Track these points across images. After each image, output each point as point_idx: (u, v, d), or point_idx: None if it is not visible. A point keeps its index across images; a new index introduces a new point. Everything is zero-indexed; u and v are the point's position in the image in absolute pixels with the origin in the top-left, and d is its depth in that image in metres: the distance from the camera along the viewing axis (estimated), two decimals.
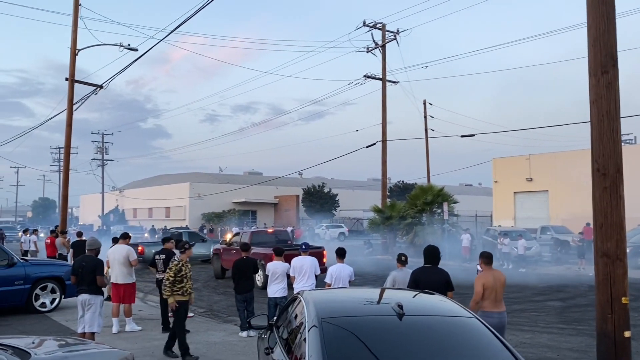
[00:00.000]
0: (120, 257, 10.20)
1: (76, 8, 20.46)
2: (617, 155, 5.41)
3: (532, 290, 16.88)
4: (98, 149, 62.38)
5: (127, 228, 49.36)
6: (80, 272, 8.06)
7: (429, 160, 37.58)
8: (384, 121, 31.56)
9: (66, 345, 5.33)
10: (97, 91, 22.05)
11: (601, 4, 5.49)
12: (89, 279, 7.97)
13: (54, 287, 12.24)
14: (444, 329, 4.03)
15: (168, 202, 62.60)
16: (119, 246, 10.51)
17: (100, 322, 8.18)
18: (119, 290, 10.27)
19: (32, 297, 11.89)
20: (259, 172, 74.04)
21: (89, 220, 70.15)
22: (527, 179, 38.84)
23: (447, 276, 6.83)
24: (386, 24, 31.27)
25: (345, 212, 59.67)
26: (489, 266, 7.07)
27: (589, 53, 5.58)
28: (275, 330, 5.18)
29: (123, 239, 10.72)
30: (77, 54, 20.55)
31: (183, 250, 8.73)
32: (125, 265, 10.23)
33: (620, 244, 5.35)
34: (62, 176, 22.34)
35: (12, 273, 11.65)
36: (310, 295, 4.70)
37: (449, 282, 6.77)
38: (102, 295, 8.27)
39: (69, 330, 10.13)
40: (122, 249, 10.35)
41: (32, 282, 11.89)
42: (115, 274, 10.29)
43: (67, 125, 20.64)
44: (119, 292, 10.27)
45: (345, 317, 4.07)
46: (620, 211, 5.37)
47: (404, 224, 29.66)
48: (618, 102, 5.47)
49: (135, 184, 77.74)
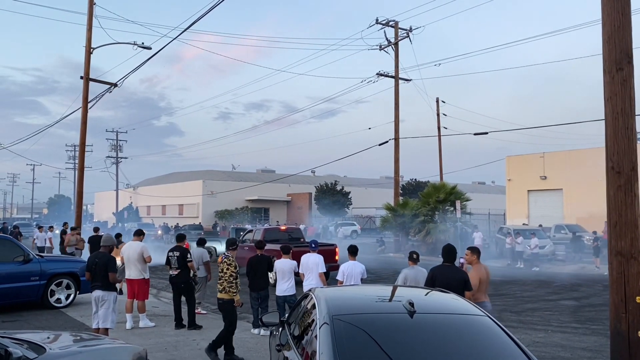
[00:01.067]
0: (134, 253, 10.29)
1: (91, 7, 20.65)
2: (632, 153, 5.35)
3: (546, 289, 16.75)
4: (112, 146, 62.92)
5: (140, 225, 49.83)
6: (93, 269, 8.21)
7: (441, 158, 37.45)
8: (397, 119, 31.47)
9: (81, 340, 5.39)
10: (111, 89, 22.26)
11: (616, 0, 5.43)
12: (102, 275, 8.10)
13: (69, 283, 12.40)
14: (456, 327, 4.02)
15: (181, 200, 63.03)
16: (134, 243, 10.59)
17: (114, 317, 8.30)
18: (133, 287, 10.39)
19: (47, 292, 12.05)
20: (271, 170, 74.22)
21: (104, 217, 70.87)
22: (541, 177, 38.49)
23: (465, 275, 6.90)
24: (399, 21, 31.20)
25: (357, 210, 59.60)
26: (478, 260, 7.48)
27: (603, 50, 5.52)
28: (286, 327, 5.20)
29: (137, 236, 10.78)
30: (92, 52, 20.75)
31: (235, 247, 8.95)
32: (140, 261, 10.31)
33: (635, 242, 5.29)
34: (77, 173, 22.57)
35: (28, 269, 11.82)
36: (321, 292, 4.72)
37: (466, 282, 6.84)
38: (115, 291, 8.39)
39: (83, 326, 10.25)
40: (136, 246, 10.43)
41: (47, 278, 12.05)
42: (130, 270, 10.39)
43: (82, 123, 20.87)
44: (133, 289, 10.39)
45: (356, 315, 4.08)
46: (635, 209, 5.31)
47: (416, 222, 29.57)
48: (633, 99, 5.41)
49: (149, 181, 78.34)
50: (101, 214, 77.58)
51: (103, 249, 8.43)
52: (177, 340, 9.23)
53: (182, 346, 8.83)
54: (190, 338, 9.38)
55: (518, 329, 10.32)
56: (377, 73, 31.20)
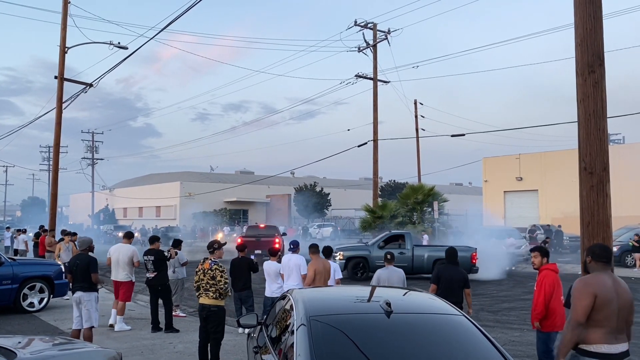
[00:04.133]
0: (124, 257, 10.34)
1: (65, 6, 20.31)
2: (604, 153, 5.46)
3: (522, 288, 16.98)
4: (88, 147, 62.00)
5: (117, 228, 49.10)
6: (74, 270, 8.26)
7: (419, 159, 37.69)
8: (375, 121, 31.59)
9: (54, 345, 5.29)
10: (86, 89, 21.88)
11: (588, 4, 5.54)
12: (82, 277, 8.15)
13: (43, 286, 12.16)
14: (432, 327, 4.05)
15: (158, 202, 62.39)
16: (124, 245, 10.63)
17: (97, 316, 8.32)
18: (118, 288, 10.49)
19: (19, 296, 11.81)
20: (250, 171, 73.93)
21: (79, 220, 69.70)
22: (517, 178, 39.10)
23: (466, 275, 7.90)
24: (377, 23, 31.29)
25: (337, 211, 59.71)
26: (317, 255, 8.84)
27: (576, 52, 5.62)
28: (264, 329, 5.17)
29: (127, 239, 10.84)
30: (66, 52, 20.39)
31: (212, 250, 8.15)
32: (129, 264, 10.37)
33: (607, 242, 5.40)
34: (51, 175, 22.16)
35: (0, 272, 11.55)
36: (299, 293, 4.70)
37: (466, 280, 7.85)
38: (96, 291, 8.39)
39: (57, 330, 10.07)
40: (127, 249, 10.47)
41: (20, 281, 11.81)
42: (117, 272, 10.47)
43: (57, 124, 20.48)
44: (118, 289, 10.49)
45: (333, 315, 4.07)
46: (607, 210, 5.41)
47: (395, 223, 29.73)
48: (605, 101, 5.52)
49: (125, 183, 77.36)
50: (76, 217, 76.29)
51: (82, 251, 8.46)
52: (153, 343, 9.12)
53: (158, 349, 8.72)
54: (167, 341, 9.27)
55: (494, 328, 10.44)
56: (356, 75, 31.25)
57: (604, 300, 4.24)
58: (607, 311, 4.24)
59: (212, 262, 7.78)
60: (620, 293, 4.32)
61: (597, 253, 4.51)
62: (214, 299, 7.57)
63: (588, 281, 4.41)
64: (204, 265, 7.79)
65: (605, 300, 4.24)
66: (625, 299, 4.33)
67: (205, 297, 7.60)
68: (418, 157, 37.65)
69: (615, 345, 4.26)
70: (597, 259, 4.48)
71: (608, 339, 4.25)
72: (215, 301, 7.60)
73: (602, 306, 4.24)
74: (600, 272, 4.44)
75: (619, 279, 4.48)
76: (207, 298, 7.59)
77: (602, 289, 4.28)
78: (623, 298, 4.32)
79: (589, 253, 4.57)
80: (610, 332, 4.26)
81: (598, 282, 4.34)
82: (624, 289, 4.37)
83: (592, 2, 5.53)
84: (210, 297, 7.58)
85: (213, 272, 7.62)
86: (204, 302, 7.59)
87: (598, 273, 4.45)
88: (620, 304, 4.29)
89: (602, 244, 4.92)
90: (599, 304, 4.24)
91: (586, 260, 4.61)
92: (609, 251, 4.65)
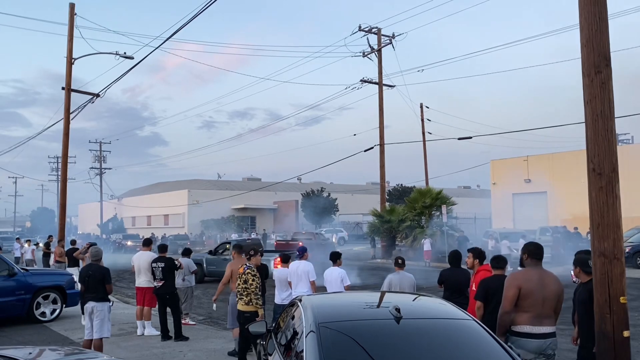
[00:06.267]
0: (145, 263, 10.59)
1: (72, 17, 20.51)
2: (612, 154, 5.40)
3: None
4: (96, 157, 62.39)
5: (125, 237, 49.31)
6: (87, 280, 8.24)
7: (426, 163, 37.61)
8: (381, 125, 31.59)
9: (65, 355, 5.31)
10: (93, 100, 22.05)
11: (593, 4, 5.50)
12: (95, 287, 8.15)
13: (56, 297, 12.24)
14: (442, 332, 4.02)
15: (166, 210, 62.58)
16: (145, 253, 10.92)
17: (109, 326, 8.35)
18: (143, 294, 10.69)
19: (33, 306, 11.92)
20: (257, 178, 74.03)
21: (88, 229, 70.07)
22: (526, 180, 38.87)
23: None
24: (382, 28, 31.42)
25: (344, 216, 59.61)
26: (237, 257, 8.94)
27: (582, 53, 5.58)
28: (273, 337, 5.16)
29: (146, 246, 11.12)
30: (73, 63, 20.58)
31: (249, 256, 8.15)
32: (150, 270, 10.50)
33: (617, 243, 5.33)
34: (60, 185, 22.30)
35: (13, 283, 11.69)
36: (308, 300, 4.69)
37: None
38: (108, 301, 8.40)
39: (67, 340, 10.10)
40: (147, 256, 10.72)
41: (33, 291, 11.93)
42: (140, 278, 10.77)
43: (64, 135, 20.64)
44: (143, 296, 10.70)
45: (342, 322, 4.06)
46: (616, 210, 5.35)
47: (403, 228, 29.65)
48: (612, 101, 5.47)
49: (133, 192, 77.68)
50: (85, 226, 76.71)
51: (94, 261, 8.50)
52: (163, 352, 9.13)
53: (168, 358, 8.73)
54: (177, 349, 9.28)
55: None
56: (361, 80, 31.32)
57: (527, 290, 5.04)
58: (531, 299, 5.03)
59: (246, 267, 7.84)
60: (546, 285, 5.08)
61: (532, 251, 5.26)
62: (246, 304, 7.63)
63: (515, 276, 5.30)
64: (239, 270, 7.89)
65: (529, 291, 5.04)
66: (551, 290, 5.08)
67: (240, 303, 7.73)
68: (425, 161, 37.57)
69: (538, 327, 5.04)
70: (531, 256, 5.24)
71: (532, 322, 5.04)
72: (248, 307, 7.64)
73: (526, 296, 5.04)
74: (531, 268, 5.21)
75: (550, 274, 5.20)
76: (242, 304, 7.69)
77: (526, 282, 5.08)
78: (549, 290, 5.08)
79: (525, 251, 5.31)
80: (535, 317, 5.04)
81: (524, 276, 5.19)
82: (551, 282, 5.11)
83: (597, 3, 5.49)
84: (243, 303, 7.66)
85: (246, 277, 7.70)
86: (240, 309, 7.76)
87: (529, 268, 5.23)
88: (546, 294, 5.05)
89: (537, 243, 5.51)
90: (523, 294, 5.05)
91: (522, 257, 5.34)
92: (542, 249, 5.34)
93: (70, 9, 20.55)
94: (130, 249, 39.76)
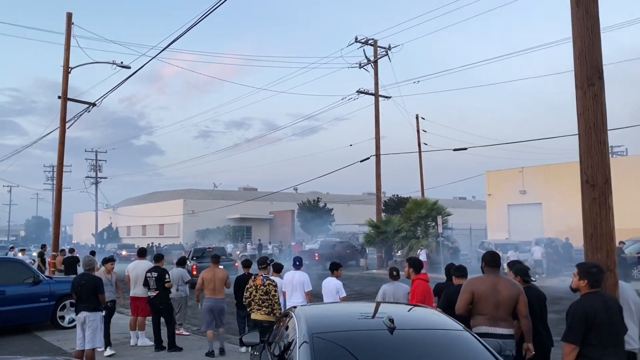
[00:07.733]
0: (142, 272, 10.53)
1: (69, 27, 20.54)
2: (605, 166, 5.44)
3: None
4: (91, 166, 62.24)
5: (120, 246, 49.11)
6: (79, 290, 8.19)
7: (422, 174, 37.69)
8: (377, 136, 31.69)
9: None
10: (90, 109, 22.03)
11: (585, 18, 5.57)
12: (88, 297, 8.12)
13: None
14: (435, 342, 4.01)
15: (162, 220, 62.36)
16: (141, 262, 10.92)
17: (101, 337, 8.35)
18: (138, 304, 10.63)
19: (56, 313, 12.16)
20: (253, 188, 73.90)
21: (83, 239, 69.74)
22: (521, 191, 38.99)
23: None
24: (378, 40, 31.57)
25: (340, 226, 59.51)
26: (217, 265, 9.90)
27: (575, 66, 5.64)
28: (267, 347, 5.14)
29: (141, 256, 11.19)
30: (69, 72, 20.58)
31: (265, 266, 8.48)
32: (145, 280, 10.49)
33: (611, 254, 5.36)
34: (55, 194, 22.27)
35: (38, 290, 11.90)
36: (302, 310, 4.68)
37: None
38: (101, 311, 8.37)
39: (60, 351, 10.02)
40: (144, 266, 10.72)
41: (56, 298, 12.13)
42: (136, 288, 10.69)
43: (60, 143, 20.60)
44: (138, 306, 10.63)
45: (336, 332, 4.05)
46: (609, 222, 5.38)
47: (399, 238, 29.62)
48: (605, 114, 5.52)
49: (128, 201, 77.45)
50: (80, 236, 76.35)
51: (87, 271, 8.47)
52: None
53: None
54: None
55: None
56: (357, 90, 31.42)
57: (479, 295, 5.41)
58: (484, 303, 5.39)
59: (264, 278, 8.00)
60: (500, 290, 5.39)
61: (487, 259, 5.65)
62: (266, 314, 7.71)
63: (469, 282, 5.67)
64: (256, 281, 7.95)
65: (481, 295, 5.40)
66: (506, 295, 5.37)
67: (257, 313, 7.77)
68: (421, 172, 37.65)
69: (493, 328, 5.34)
70: (488, 264, 5.63)
71: (488, 323, 5.36)
72: (267, 317, 7.75)
73: (479, 300, 5.41)
74: (487, 274, 5.58)
75: (505, 280, 5.55)
76: (260, 314, 7.75)
77: (478, 287, 5.47)
78: (503, 295, 5.37)
79: (483, 260, 5.71)
80: (489, 319, 5.37)
81: (477, 282, 5.56)
82: (505, 288, 5.41)
83: (590, 17, 5.57)
84: (264, 313, 7.73)
85: (266, 288, 7.84)
86: (257, 318, 7.82)
87: (484, 275, 5.61)
88: (499, 299, 5.36)
89: (493, 252, 5.84)
90: (476, 298, 5.42)
91: (482, 266, 5.71)
92: (497, 257, 5.71)
93: (67, 18, 20.59)
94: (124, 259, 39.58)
